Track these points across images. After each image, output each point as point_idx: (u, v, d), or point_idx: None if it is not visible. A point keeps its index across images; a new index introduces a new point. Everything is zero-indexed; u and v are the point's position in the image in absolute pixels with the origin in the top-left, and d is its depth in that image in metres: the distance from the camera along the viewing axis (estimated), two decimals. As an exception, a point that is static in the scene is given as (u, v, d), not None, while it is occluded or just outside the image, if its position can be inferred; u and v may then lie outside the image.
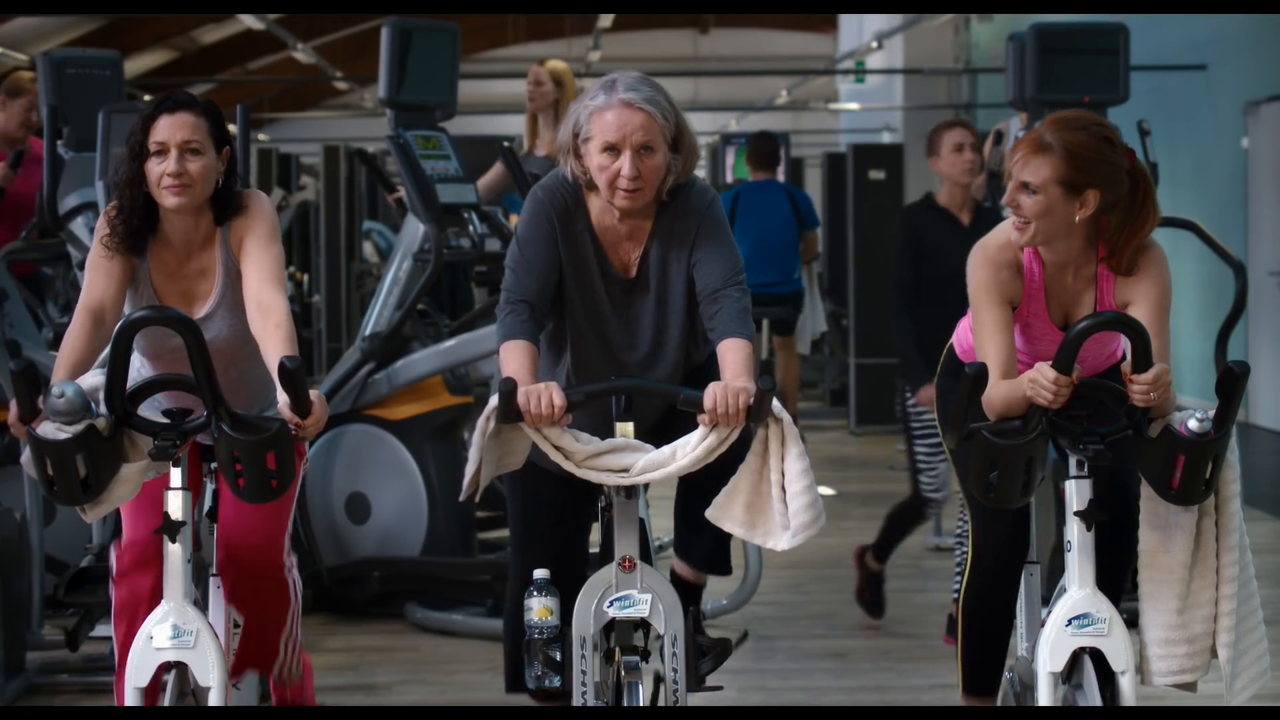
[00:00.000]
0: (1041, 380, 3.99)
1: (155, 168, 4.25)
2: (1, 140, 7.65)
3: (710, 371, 4.17)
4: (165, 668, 4.03)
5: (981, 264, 4.24)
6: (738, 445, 4.06)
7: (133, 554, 4.41)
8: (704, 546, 4.55)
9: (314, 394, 4.01)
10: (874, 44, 18.88)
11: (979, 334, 4.21)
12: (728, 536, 4.54)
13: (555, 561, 4.25)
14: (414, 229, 7.21)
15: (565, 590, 4.16)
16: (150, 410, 4.20)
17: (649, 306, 4.31)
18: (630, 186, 4.14)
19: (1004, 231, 4.25)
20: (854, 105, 23.79)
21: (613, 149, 4.14)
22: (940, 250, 6.49)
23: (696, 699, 4.13)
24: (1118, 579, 4.33)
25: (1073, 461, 4.09)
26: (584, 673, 4.05)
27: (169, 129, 4.24)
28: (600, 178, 4.17)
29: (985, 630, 4.52)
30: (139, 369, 4.41)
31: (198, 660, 4.02)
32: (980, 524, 4.46)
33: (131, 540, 4.42)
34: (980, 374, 3.97)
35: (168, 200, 4.25)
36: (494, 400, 4.02)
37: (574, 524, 4.42)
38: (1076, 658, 4.09)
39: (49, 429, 3.98)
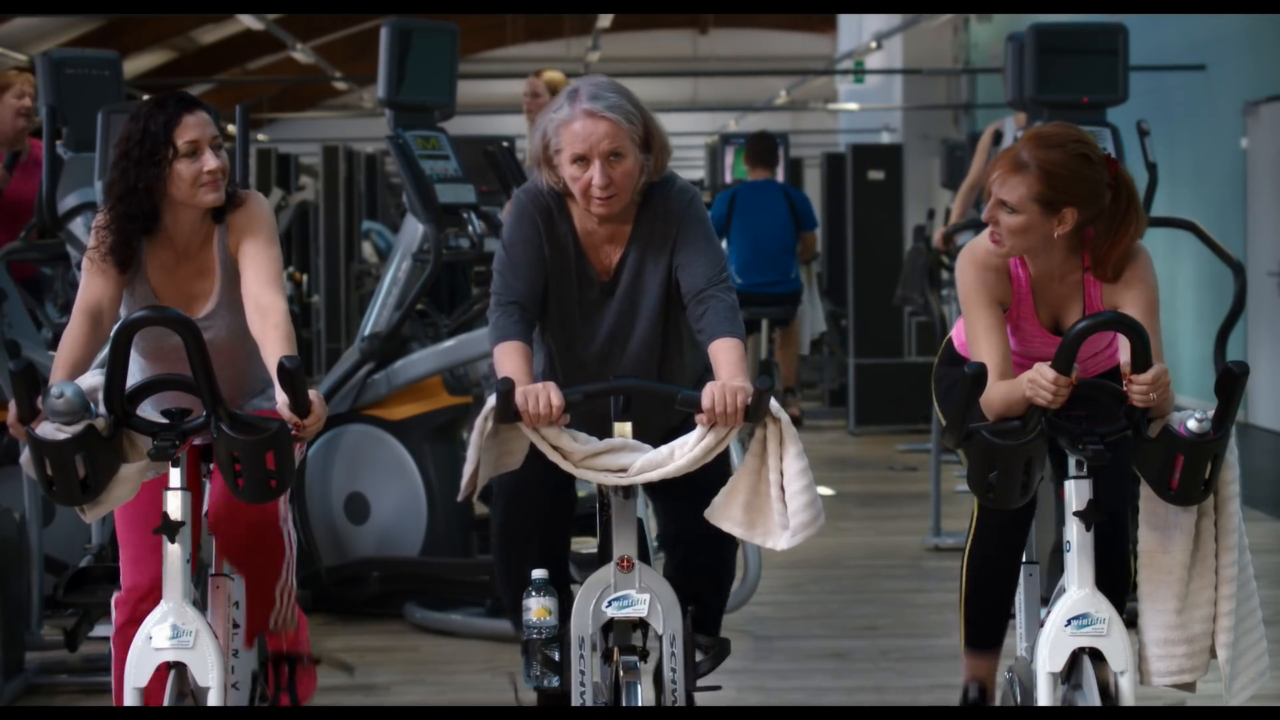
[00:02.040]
0: (1041, 380, 3.99)
1: (188, 167, 4.25)
2: None
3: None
4: (164, 668, 4.03)
5: (969, 267, 4.25)
6: (717, 469, 4.06)
7: (129, 608, 4.38)
8: (694, 609, 4.49)
9: (313, 394, 4.02)
10: (873, 44, 18.90)
11: (972, 336, 4.21)
12: (721, 602, 4.52)
13: (540, 509, 4.30)
14: (413, 229, 7.22)
15: (544, 535, 4.25)
16: (149, 410, 4.20)
17: (613, 307, 4.32)
18: (603, 195, 4.16)
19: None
20: (853, 105, 23.81)
21: (582, 159, 4.15)
22: None
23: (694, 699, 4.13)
24: (1118, 582, 4.32)
25: (1072, 462, 4.10)
26: (583, 673, 4.05)
27: (197, 127, 4.26)
28: (574, 187, 4.19)
29: (989, 585, 4.50)
30: (138, 370, 4.41)
31: (197, 660, 4.02)
32: None
33: (131, 587, 4.41)
34: (980, 374, 3.97)
35: (208, 197, 4.27)
36: (492, 400, 4.02)
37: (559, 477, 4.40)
38: (1076, 658, 4.09)
39: (48, 429, 3.98)
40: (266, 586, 4.57)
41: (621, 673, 4.05)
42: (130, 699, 4.03)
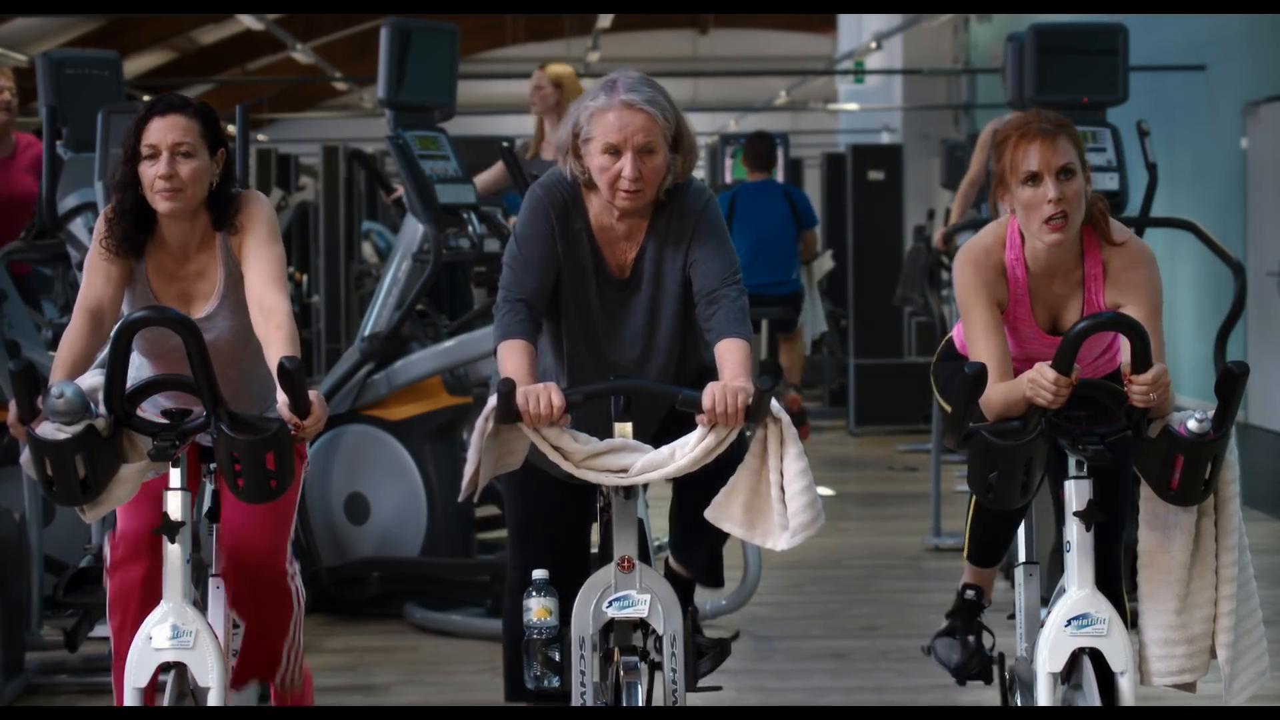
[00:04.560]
0: (1041, 381, 3.99)
1: (147, 170, 4.24)
2: None
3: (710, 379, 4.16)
4: (164, 668, 4.04)
5: (967, 266, 4.24)
6: (733, 450, 4.06)
7: (126, 546, 4.42)
8: (697, 557, 4.53)
9: (313, 394, 4.02)
10: (873, 44, 18.90)
11: (971, 337, 4.21)
12: (721, 548, 4.54)
13: (554, 563, 4.25)
14: (413, 229, 7.22)
15: (565, 591, 4.16)
16: (150, 410, 4.20)
17: (640, 306, 4.31)
18: (631, 188, 4.14)
19: (989, 234, 4.26)
20: (853, 106, 23.81)
21: (614, 150, 4.14)
22: None
23: (695, 699, 4.13)
24: (1113, 579, 4.31)
25: (1072, 462, 4.09)
26: (583, 673, 4.05)
27: (160, 131, 4.24)
28: (601, 178, 4.17)
29: (995, 527, 4.56)
30: (138, 369, 4.41)
31: (197, 660, 4.02)
32: None
33: (124, 532, 4.43)
34: (980, 374, 3.97)
35: (160, 205, 4.25)
36: (493, 400, 4.02)
37: (573, 524, 4.42)
38: (1076, 658, 4.09)
39: (48, 429, 3.98)
40: (273, 641, 4.58)
41: (621, 673, 4.05)
42: (130, 699, 4.03)
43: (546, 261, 4.25)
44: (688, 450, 4.00)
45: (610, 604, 4.07)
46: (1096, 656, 4.07)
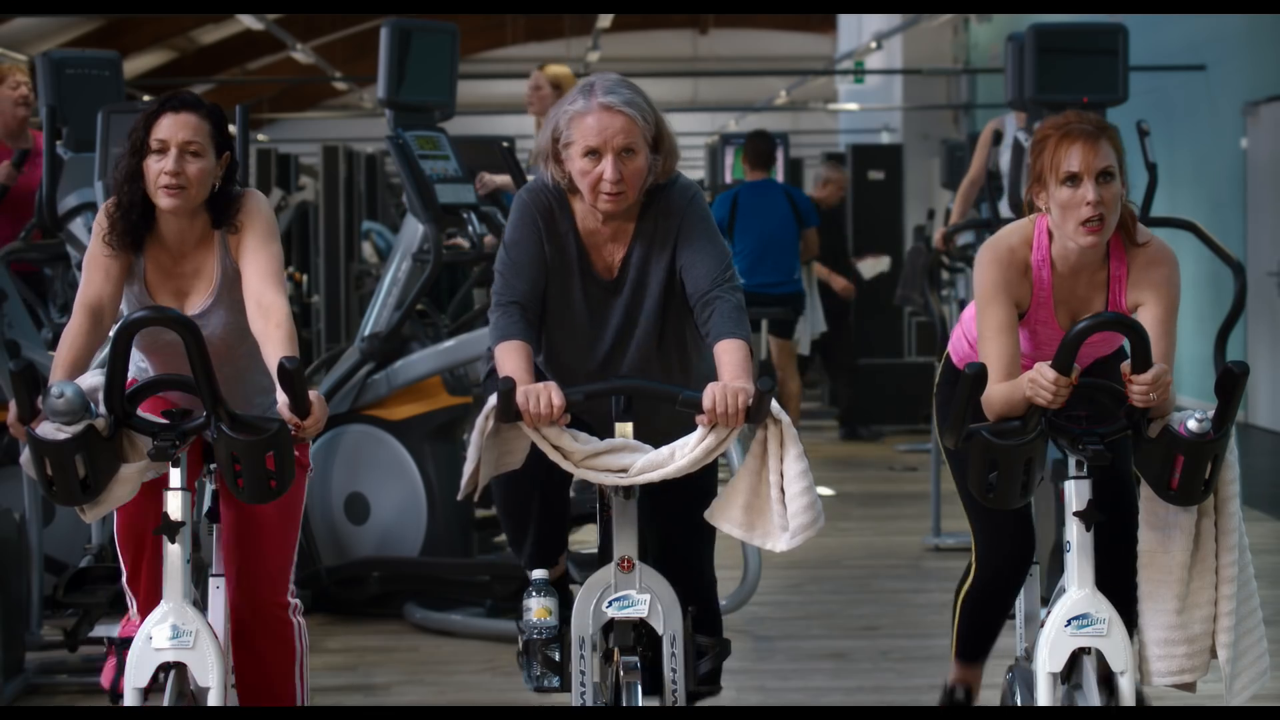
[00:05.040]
0: (1041, 380, 3.98)
1: (154, 165, 4.24)
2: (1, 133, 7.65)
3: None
4: (164, 668, 4.04)
5: (991, 264, 4.22)
6: (706, 483, 4.12)
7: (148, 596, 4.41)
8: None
9: (313, 394, 4.01)
10: (873, 44, 18.91)
11: (984, 335, 4.20)
12: (704, 601, 4.51)
13: (532, 508, 4.36)
14: (413, 229, 7.22)
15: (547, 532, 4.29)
16: (150, 410, 4.20)
17: (620, 305, 4.31)
18: (613, 190, 4.14)
19: (1015, 233, 4.24)
20: (853, 105, 23.83)
21: (594, 153, 4.14)
22: None
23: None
24: (1126, 582, 4.30)
25: (1072, 462, 4.09)
26: (583, 673, 4.05)
27: (171, 127, 4.24)
28: (582, 182, 4.17)
29: (984, 621, 4.61)
30: (136, 364, 4.41)
31: (197, 660, 4.02)
32: (983, 537, 4.46)
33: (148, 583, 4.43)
34: (979, 374, 3.96)
35: (162, 201, 4.25)
36: (493, 399, 4.02)
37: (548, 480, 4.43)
38: (1076, 658, 4.09)
39: (48, 429, 3.98)
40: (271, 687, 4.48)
41: (621, 673, 4.05)
42: (130, 699, 4.03)
43: (536, 265, 4.26)
44: (688, 450, 4.00)
45: (610, 604, 4.07)
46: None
